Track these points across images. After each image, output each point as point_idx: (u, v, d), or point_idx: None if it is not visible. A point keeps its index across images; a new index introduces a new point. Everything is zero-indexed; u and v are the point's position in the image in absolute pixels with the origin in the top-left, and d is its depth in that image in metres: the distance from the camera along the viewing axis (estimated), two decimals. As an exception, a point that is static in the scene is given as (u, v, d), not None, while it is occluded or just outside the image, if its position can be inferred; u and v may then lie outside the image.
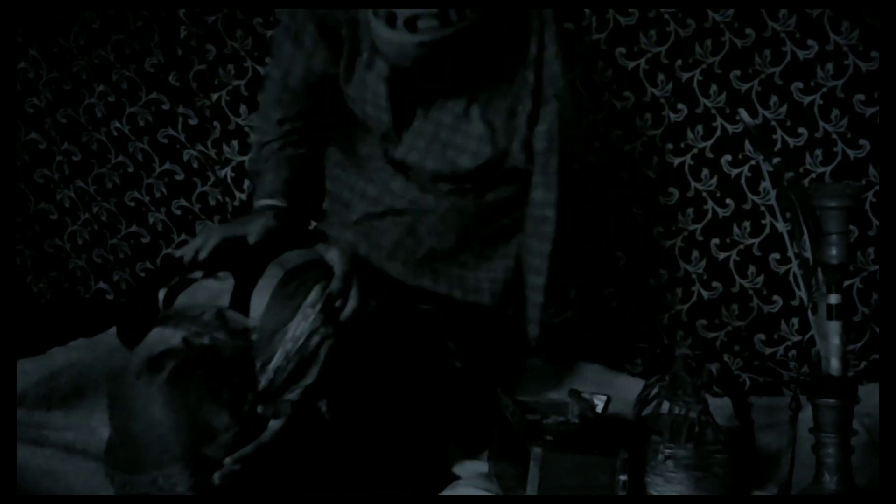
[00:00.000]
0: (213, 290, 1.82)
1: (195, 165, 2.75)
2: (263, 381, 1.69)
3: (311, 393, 1.71)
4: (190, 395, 1.62)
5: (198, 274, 1.88)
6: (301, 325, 1.71)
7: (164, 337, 1.70)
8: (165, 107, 2.75)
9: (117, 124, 2.78)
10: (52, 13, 2.75)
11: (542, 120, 2.08)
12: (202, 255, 1.94)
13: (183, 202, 2.77)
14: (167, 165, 2.77)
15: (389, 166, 2.12)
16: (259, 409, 1.67)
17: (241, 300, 1.77)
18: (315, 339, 1.71)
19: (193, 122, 2.74)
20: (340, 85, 2.12)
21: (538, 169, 2.10)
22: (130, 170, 2.79)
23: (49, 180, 2.82)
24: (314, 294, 1.74)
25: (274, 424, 1.67)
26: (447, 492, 1.82)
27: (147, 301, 1.87)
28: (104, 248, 2.82)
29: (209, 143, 2.74)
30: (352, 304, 1.81)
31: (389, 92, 2.05)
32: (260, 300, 1.74)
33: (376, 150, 2.15)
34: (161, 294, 1.85)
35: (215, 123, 2.73)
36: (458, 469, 1.89)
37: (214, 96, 2.72)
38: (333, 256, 1.84)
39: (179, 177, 2.77)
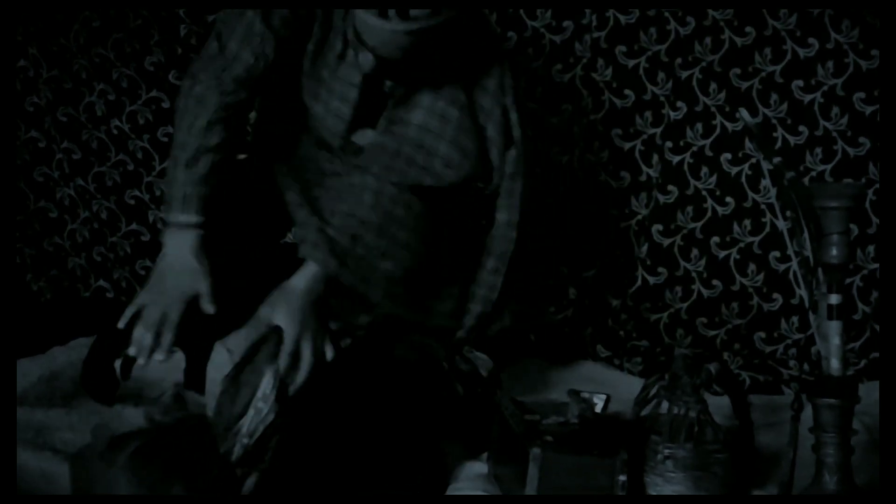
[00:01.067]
0: (165, 364, 1.81)
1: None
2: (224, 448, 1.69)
3: (268, 478, 1.69)
4: (154, 475, 1.60)
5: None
6: (254, 419, 1.68)
7: (126, 417, 1.70)
8: (165, 105, 2.74)
9: (117, 122, 2.78)
10: (52, 12, 2.75)
11: (513, 147, 2.09)
12: (166, 342, 1.82)
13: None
14: (167, 164, 2.76)
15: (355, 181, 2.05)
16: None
17: (194, 377, 1.77)
18: (268, 433, 1.68)
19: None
20: (302, 79, 2.03)
21: (504, 192, 2.11)
22: (130, 168, 2.79)
23: (49, 178, 2.82)
24: (265, 383, 1.71)
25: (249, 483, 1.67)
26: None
27: (104, 369, 1.87)
28: (104, 246, 2.82)
29: (209, 142, 2.74)
30: (304, 370, 1.82)
31: (361, 88, 2.00)
32: (211, 390, 1.72)
33: (337, 165, 2.08)
34: (117, 365, 1.84)
35: (215, 122, 2.73)
36: (457, 472, 1.89)
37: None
38: (281, 319, 1.83)
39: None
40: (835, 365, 1.68)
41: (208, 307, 1.88)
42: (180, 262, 1.92)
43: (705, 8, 2.55)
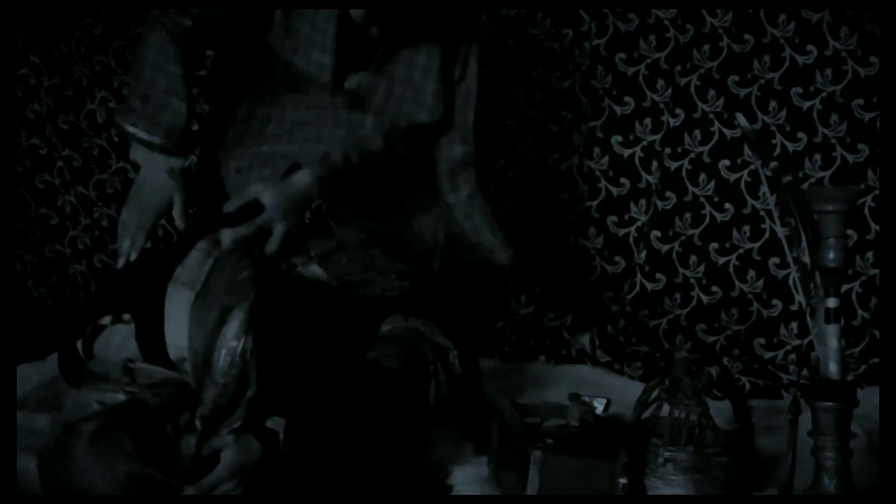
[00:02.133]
0: (123, 334, 1.80)
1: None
2: (211, 394, 1.67)
3: (257, 408, 1.68)
4: (114, 455, 1.61)
5: (106, 319, 1.86)
6: (225, 358, 1.67)
7: (79, 402, 1.69)
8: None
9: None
10: (54, 19, 2.76)
11: (464, 80, 2.14)
12: (138, 243, 1.97)
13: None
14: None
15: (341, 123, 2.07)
16: (204, 450, 1.66)
17: (147, 341, 1.75)
18: (244, 360, 1.68)
19: (194, 127, 2.73)
20: (273, 29, 2.02)
21: (456, 124, 2.15)
22: (131, 175, 2.78)
23: (50, 185, 2.83)
24: (234, 324, 1.69)
25: (226, 457, 1.65)
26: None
27: (71, 353, 1.87)
28: (105, 253, 2.82)
29: (210, 149, 2.74)
30: (273, 244, 1.85)
31: (337, 32, 1.99)
32: (178, 331, 1.70)
33: (318, 109, 2.08)
34: (79, 345, 1.84)
35: (216, 129, 2.73)
36: (457, 472, 1.89)
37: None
38: (268, 198, 1.86)
39: (180, 182, 2.77)
40: (833, 368, 1.68)
41: (179, 221, 2.00)
42: (152, 176, 2.01)
43: (704, 15, 2.56)
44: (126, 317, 1.82)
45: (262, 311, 1.71)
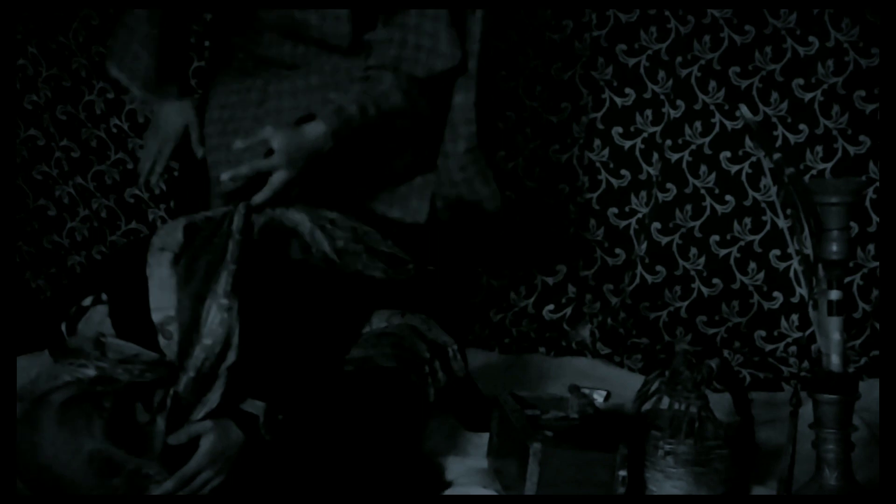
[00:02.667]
0: (102, 314, 1.79)
1: (176, 174, 2.74)
2: (180, 385, 1.65)
3: (236, 376, 1.66)
4: (80, 430, 1.61)
5: (87, 300, 1.85)
6: (216, 315, 1.66)
7: (50, 374, 1.69)
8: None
9: (116, 121, 2.78)
10: (52, 10, 2.75)
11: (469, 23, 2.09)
12: (159, 167, 2.12)
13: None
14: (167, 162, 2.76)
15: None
16: (175, 438, 1.64)
17: (120, 315, 1.74)
18: (231, 323, 1.67)
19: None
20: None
21: (469, 70, 2.10)
22: (129, 166, 2.78)
23: (48, 177, 2.82)
24: (224, 280, 1.68)
25: (204, 443, 1.64)
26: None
27: (57, 336, 1.87)
28: (103, 244, 2.82)
29: (208, 140, 2.74)
30: (277, 178, 1.85)
31: None
32: (163, 294, 1.69)
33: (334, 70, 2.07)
34: (63, 326, 1.84)
35: (215, 120, 2.73)
36: (455, 465, 1.89)
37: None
38: (278, 141, 1.86)
39: (178, 173, 2.76)
40: (835, 361, 1.68)
41: (196, 149, 2.10)
42: (168, 107, 2.13)
43: (705, 6, 2.55)
44: (104, 297, 1.81)
45: (245, 277, 1.69)
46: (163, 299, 1.69)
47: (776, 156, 1.75)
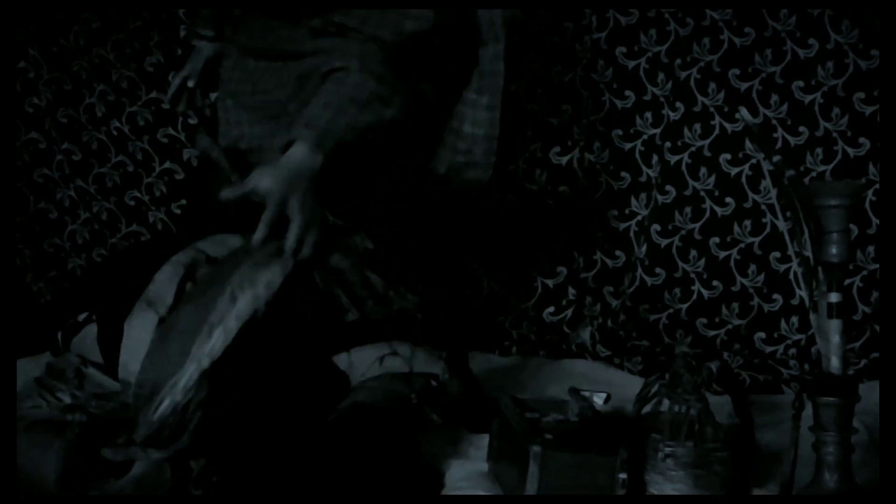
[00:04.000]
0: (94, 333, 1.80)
1: (195, 164, 2.75)
2: (143, 431, 1.64)
3: (184, 455, 1.65)
4: (42, 448, 1.62)
5: (82, 316, 1.85)
6: (167, 407, 1.64)
7: (31, 388, 1.69)
8: (165, 106, 2.74)
9: (117, 124, 2.78)
10: (52, 13, 2.75)
11: None
12: (181, 108, 2.24)
13: (183, 202, 2.77)
14: (167, 165, 2.77)
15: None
16: (112, 454, 1.64)
17: (107, 343, 1.72)
18: (185, 413, 1.64)
19: (193, 121, 2.74)
20: None
21: (485, 27, 2.05)
22: (130, 169, 2.78)
23: (49, 180, 2.82)
24: (188, 374, 1.65)
25: (136, 469, 1.64)
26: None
27: (52, 341, 1.88)
28: (104, 247, 2.81)
29: (209, 143, 2.74)
30: (294, 232, 1.78)
31: None
32: (132, 357, 1.67)
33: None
34: (59, 336, 1.84)
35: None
36: (455, 468, 1.89)
37: (213, 96, 2.72)
38: (267, 182, 1.78)
39: (179, 176, 2.77)
40: (835, 363, 1.68)
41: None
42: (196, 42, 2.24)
43: (704, 9, 2.55)
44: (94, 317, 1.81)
45: (226, 360, 1.66)
46: (130, 359, 1.67)
47: (776, 158, 1.75)
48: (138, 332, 1.67)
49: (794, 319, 2.55)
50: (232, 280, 1.71)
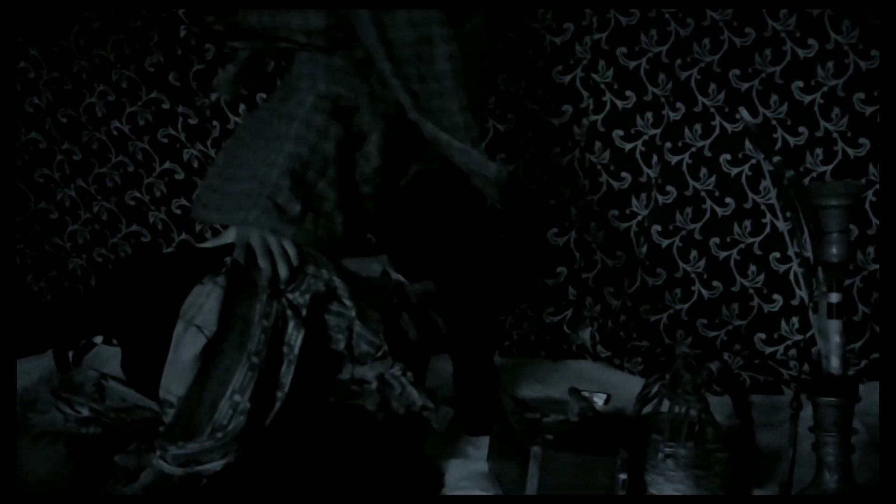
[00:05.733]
0: (112, 355, 1.81)
1: (195, 165, 2.75)
2: (177, 454, 1.66)
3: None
4: (43, 452, 1.63)
5: (99, 338, 1.86)
6: (229, 415, 1.67)
7: (45, 400, 1.71)
8: (165, 106, 2.75)
9: (117, 124, 2.78)
10: (53, 13, 2.75)
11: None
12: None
13: (183, 201, 2.77)
14: (167, 165, 2.77)
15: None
16: (123, 459, 1.66)
17: (132, 367, 1.74)
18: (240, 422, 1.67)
19: (193, 121, 2.74)
20: None
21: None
22: (130, 169, 2.79)
23: (49, 180, 2.82)
24: (239, 377, 1.68)
25: (145, 477, 1.66)
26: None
27: (63, 357, 1.88)
28: (105, 247, 2.81)
29: (209, 143, 2.74)
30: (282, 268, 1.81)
31: None
32: (177, 381, 1.68)
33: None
34: (70, 354, 1.85)
35: (215, 123, 2.73)
36: (456, 468, 1.89)
37: (214, 96, 2.72)
38: (251, 239, 1.81)
39: (179, 176, 2.77)
40: (835, 363, 1.68)
41: None
42: None
43: (705, 9, 2.55)
44: (115, 341, 1.82)
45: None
46: (175, 384, 1.68)
47: (776, 158, 1.75)
48: (187, 355, 1.68)
49: (795, 320, 2.55)
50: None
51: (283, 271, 1.80)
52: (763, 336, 2.57)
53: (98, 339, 1.84)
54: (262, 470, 1.68)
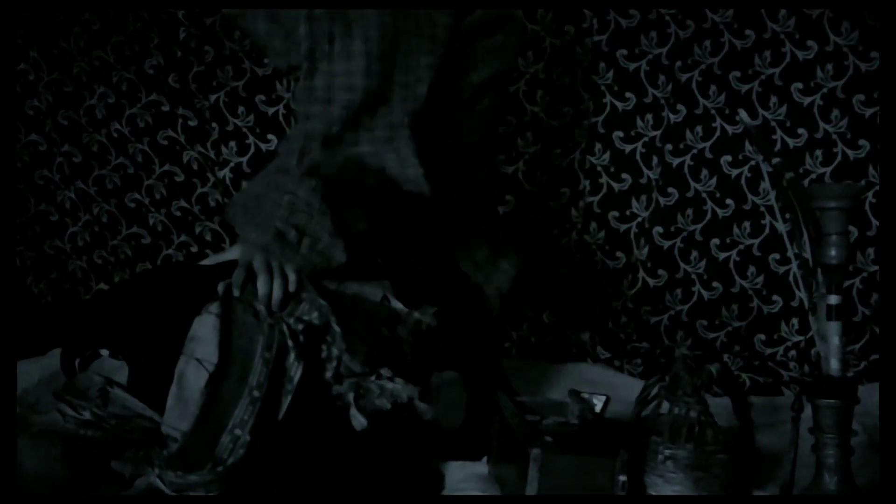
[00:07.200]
0: (112, 367, 1.82)
1: (195, 167, 2.75)
2: (175, 481, 1.64)
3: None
4: (42, 450, 1.63)
5: (105, 351, 1.87)
6: (229, 449, 1.65)
7: (46, 401, 1.71)
8: (165, 108, 2.75)
9: (117, 126, 2.78)
10: (53, 15, 2.75)
11: None
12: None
13: (183, 203, 2.77)
14: (167, 167, 2.77)
15: None
16: (119, 466, 1.65)
17: (138, 387, 1.73)
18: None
19: (193, 123, 2.74)
20: None
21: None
22: (130, 171, 2.79)
23: (49, 181, 2.82)
24: (240, 411, 1.67)
25: (140, 484, 1.65)
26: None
27: (69, 362, 1.89)
28: (105, 249, 2.82)
29: (208, 145, 2.74)
30: (276, 291, 1.79)
31: None
32: (180, 417, 1.67)
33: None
34: (76, 362, 1.85)
35: (214, 125, 2.73)
36: (456, 473, 1.89)
37: (213, 97, 2.72)
38: (247, 254, 1.82)
39: (179, 178, 2.77)
40: (834, 365, 1.68)
41: None
42: None
43: (705, 10, 2.55)
44: (120, 356, 1.83)
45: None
46: (179, 419, 1.67)
47: (775, 160, 1.76)
48: (191, 390, 1.68)
49: (794, 321, 2.55)
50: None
51: (277, 293, 1.80)
52: (763, 337, 2.57)
53: (104, 353, 1.85)
54: (261, 471, 1.68)
